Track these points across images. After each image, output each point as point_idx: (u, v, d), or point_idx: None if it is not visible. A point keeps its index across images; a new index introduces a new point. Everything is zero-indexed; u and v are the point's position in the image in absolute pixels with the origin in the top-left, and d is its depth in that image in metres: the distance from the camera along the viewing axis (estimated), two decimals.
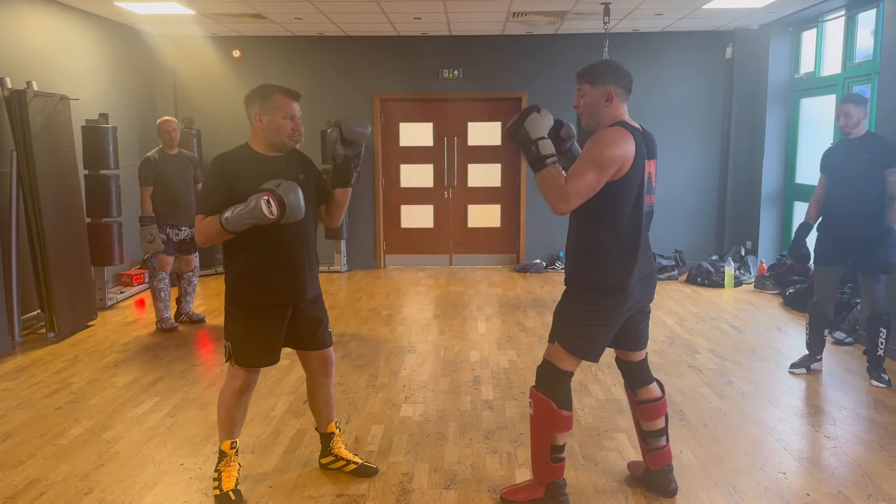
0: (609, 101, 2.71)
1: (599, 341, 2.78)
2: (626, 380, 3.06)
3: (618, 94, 2.71)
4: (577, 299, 2.78)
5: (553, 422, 2.80)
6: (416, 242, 8.91)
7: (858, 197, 4.25)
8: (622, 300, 2.73)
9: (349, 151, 3.00)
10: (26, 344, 5.36)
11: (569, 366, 2.81)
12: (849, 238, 4.32)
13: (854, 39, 6.49)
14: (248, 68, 8.24)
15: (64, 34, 6.52)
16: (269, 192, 2.69)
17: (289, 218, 2.73)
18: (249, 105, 2.90)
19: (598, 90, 2.71)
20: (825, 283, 4.52)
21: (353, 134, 2.95)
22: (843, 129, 4.33)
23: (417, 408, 4.06)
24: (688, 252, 8.30)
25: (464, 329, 5.82)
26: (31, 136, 5.34)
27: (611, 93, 2.70)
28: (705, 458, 3.38)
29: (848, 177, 4.31)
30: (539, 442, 2.85)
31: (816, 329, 4.57)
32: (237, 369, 2.98)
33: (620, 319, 2.78)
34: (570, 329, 2.78)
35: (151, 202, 5.53)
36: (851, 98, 4.34)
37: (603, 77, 2.71)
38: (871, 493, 3.05)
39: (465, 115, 8.61)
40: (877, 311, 4.38)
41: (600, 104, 2.72)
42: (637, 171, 2.64)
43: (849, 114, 4.28)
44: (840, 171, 4.37)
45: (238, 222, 2.71)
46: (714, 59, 8.27)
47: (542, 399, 2.81)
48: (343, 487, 3.11)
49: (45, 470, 3.28)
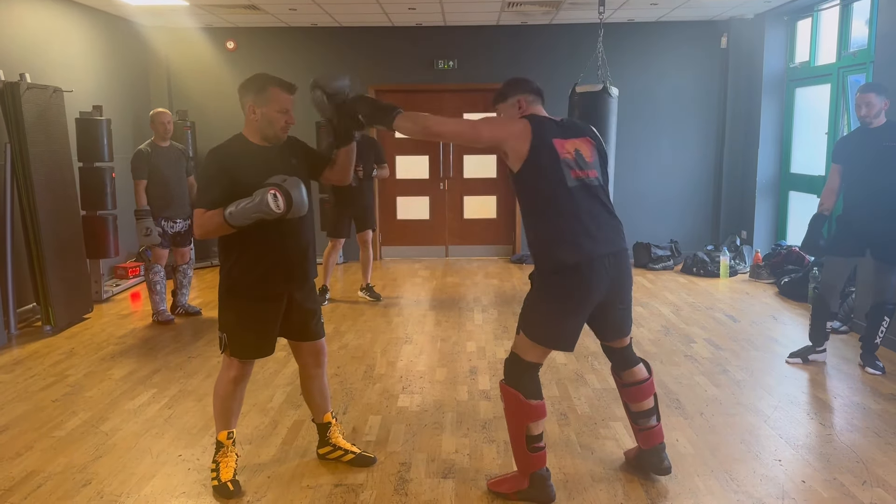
0: (521, 109, 2.89)
1: (562, 328, 2.77)
2: (612, 363, 3.09)
3: (528, 101, 2.90)
4: (537, 289, 2.82)
5: (523, 412, 2.82)
6: (412, 234, 8.91)
7: (879, 186, 4.18)
8: (578, 283, 2.71)
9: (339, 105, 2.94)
10: (22, 337, 5.35)
11: (533, 357, 2.83)
12: (870, 228, 4.24)
13: (849, 29, 6.50)
14: (243, 60, 8.21)
15: (57, 26, 6.48)
16: (275, 187, 2.69)
17: (294, 213, 2.74)
18: (243, 95, 2.88)
19: (509, 102, 2.92)
20: (837, 273, 4.44)
21: (337, 89, 2.93)
22: (865, 118, 4.22)
23: (414, 398, 4.07)
24: (683, 242, 8.32)
25: (460, 320, 5.83)
26: (24, 128, 5.31)
27: (520, 100, 2.90)
28: (701, 446, 3.40)
29: (868, 166, 4.22)
30: (514, 434, 2.87)
31: (819, 321, 4.53)
32: (232, 360, 2.99)
33: (584, 305, 2.75)
34: (532, 318, 2.81)
35: (146, 195, 5.52)
36: (873, 87, 4.23)
37: (509, 91, 2.93)
38: (866, 479, 3.07)
39: (461, 106, 8.59)
40: (884, 299, 4.35)
41: (516, 114, 2.88)
42: (540, 151, 2.72)
43: (871, 103, 4.18)
44: (859, 160, 4.28)
45: (243, 217, 2.70)
46: (709, 49, 8.27)
47: (509, 391, 2.84)
48: (341, 477, 3.12)
49: (42, 462, 3.28)
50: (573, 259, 2.69)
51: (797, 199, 7.56)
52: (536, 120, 2.79)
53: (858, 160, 4.30)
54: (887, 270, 4.32)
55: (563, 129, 2.83)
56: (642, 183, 8.37)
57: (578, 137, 2.83)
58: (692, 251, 7.91)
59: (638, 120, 8.15)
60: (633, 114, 8.03)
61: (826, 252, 4.47)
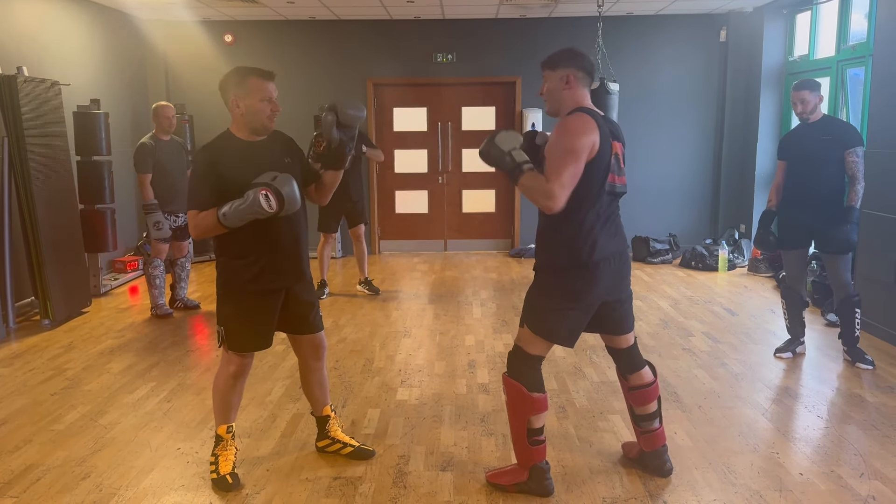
0: (568, 85, 2.75)
1: (567, 325, 2.78)
2: (618, 366, 3.07)
3: (577, 78, 2.75)
4: (544, 283, 2.81)
5: (525, 405, 2.82)
6: (410, 228, 8.91)
7: (819, 179, 4.32)
8: (588, 282, 2.72)
9: (345, 135, 2.97)
10: (21, 331, 5.35)
11: (537, 350, 2.83)
12: (811, 220, 4.35)
13: (848, 22, 6.49)
14: (241, 53, 8.18)
15: (55, 19, 6.46)
16: (266, 187, 2.68)
17: (287, 210, 2.74)
18: (225, 92, 2.85)
19: (558, 74, 2.76)
20: (793, 266, 4.57)
21: (350, 118, 2.92)
22: (802, 115, 4.37)
23: (413, 391, 4.07)
24: (682, 236, 8.32)
25: (459, 314, 5.83)
26: (22, 122, 5.30)
27: (569, 76, 2.74)
28: (699, 438, 3.41)
29: (808, 160, 4.35)
30: (516, 426, 2.88)
31: (795, 312, 4.61)
32: (231, 354, 2.99)
33: (590, 303, 2.77)
34: (538, 313, 2.81)
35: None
36: (806, 84, 4.35)
37: (561, 61, 2.76)
38: (863, 471, 3.08)
39: (459, 99, 8.58)
40: (847, 293, 4.41)
41: (560, 88, 2.76)
42: (604, 154, 2.67)
43: (805, 100, 4.32)
44: (800, 155, 4.41)
45: (236, 218, 2.70)
46: (708, 43, 8.26)
47: (512, 384, 2.84)
48: (340, 470, 3.12)
49: (41, 455, 3.28)
50: (591, 258, 2.70)
51: None
52: (596, 117, 2.69)
53: (798, 154, 4.43)
54: (837, 262, 4.39)
55: (612, 128, 2.78)
56: (641, 177, 8.36)
57: (618, 140, 2.81)
58: (691, 245, 7.92)
59: (637, 114, 8.14)
60: (633, 107, 8.01)
61: (776, 247, 4.59)
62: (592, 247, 2.71)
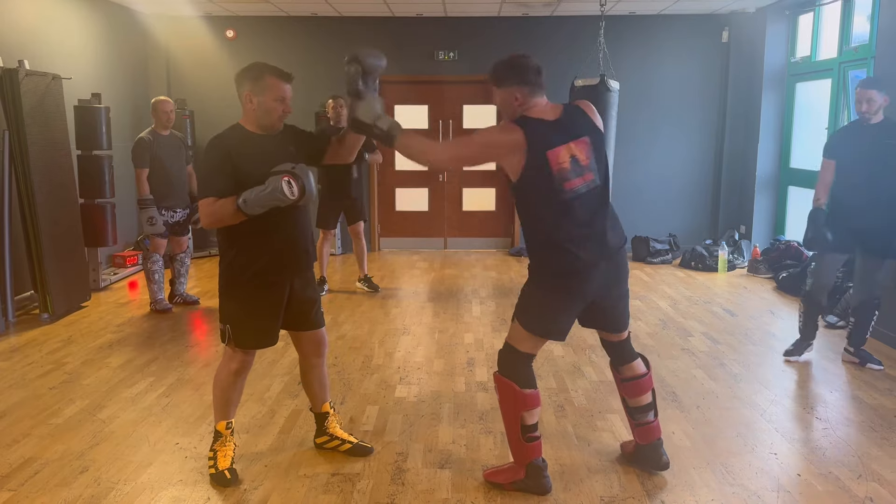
0: (517, 101, 2.77)
1: (556, 320, 2.81)
2: (611, 358, 3.09)
3: (524, 94, 2.75)
4: (534, 282, 2.84)
5: (517, 402, 2.83)
6: (410, 225, 8.91)
7: (877, 183, 4.14)
8: (576, 284, 2.75)
9: (368, 86, 2.87)
10: (19, 325, 5.35)
11: (528, 348, 2.85)
12: (860, 223, 4.21)
13: (850, 24, 6.48)
14: (242, 49, 8.18)
15: (56, 13, 6.45)
16: (288, 174, 2.68)
17: (306, 199, 2.74)
18: (240, 84, 2.86)
19: (505, 92, 2.79)
20: (827, 270, 4.42)
21: (373, 67, 2.89)
22: (865, 114, 4.16)
23: (412, 389, 4.07)
24: (682, 236, 8.32)
25: (458, 312, 5.83)
26: (23, 115, 5.29)
27: (516, 94, 2.75)
28: (697, 438, 3.41)
29: (865, 162, 4.17)
30: (509, 423, 2.89)
31: (811, 317, 4.52)
32: (235, 351, 2.98)
33: (578, 302, 2.79)
34: (528, 310, 2.83)
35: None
36: (874, 83, 4.17)
37: (505, 79, 2.78)
38: (861, 473, 3.08)
39: (461, 97, 8.58)
40: (872, 294, 4.35)
41: (512, 104, 2.78)
42: (536, 161, 2.65)
43: (872, 100, 4.12)
44: (855, 156, 4.22)
45: (258, 204, 2.69)
46: (710, 43, 8.25)
47: (503, 382, 2.85)
48: (338, 466, 3.12)
49: (39, 449, 3.28)
50: (569, 267, 2.72)
51: (796, 194, 7.56)
52: (531, 127, 2.68)
53: (854, 156, 4.24)
54: (876, 265, 4.31)
55: (561, 131, 2.71)
56: (641, 177, 8.37)
57: (575, 139, 2.72)
58: (691, 245, 7.91)
59: (638, 113, 8.14)
60: (633, 107, 8.01)
61: (831, 248, 4.39)
62: (569, 255, 2.70)
